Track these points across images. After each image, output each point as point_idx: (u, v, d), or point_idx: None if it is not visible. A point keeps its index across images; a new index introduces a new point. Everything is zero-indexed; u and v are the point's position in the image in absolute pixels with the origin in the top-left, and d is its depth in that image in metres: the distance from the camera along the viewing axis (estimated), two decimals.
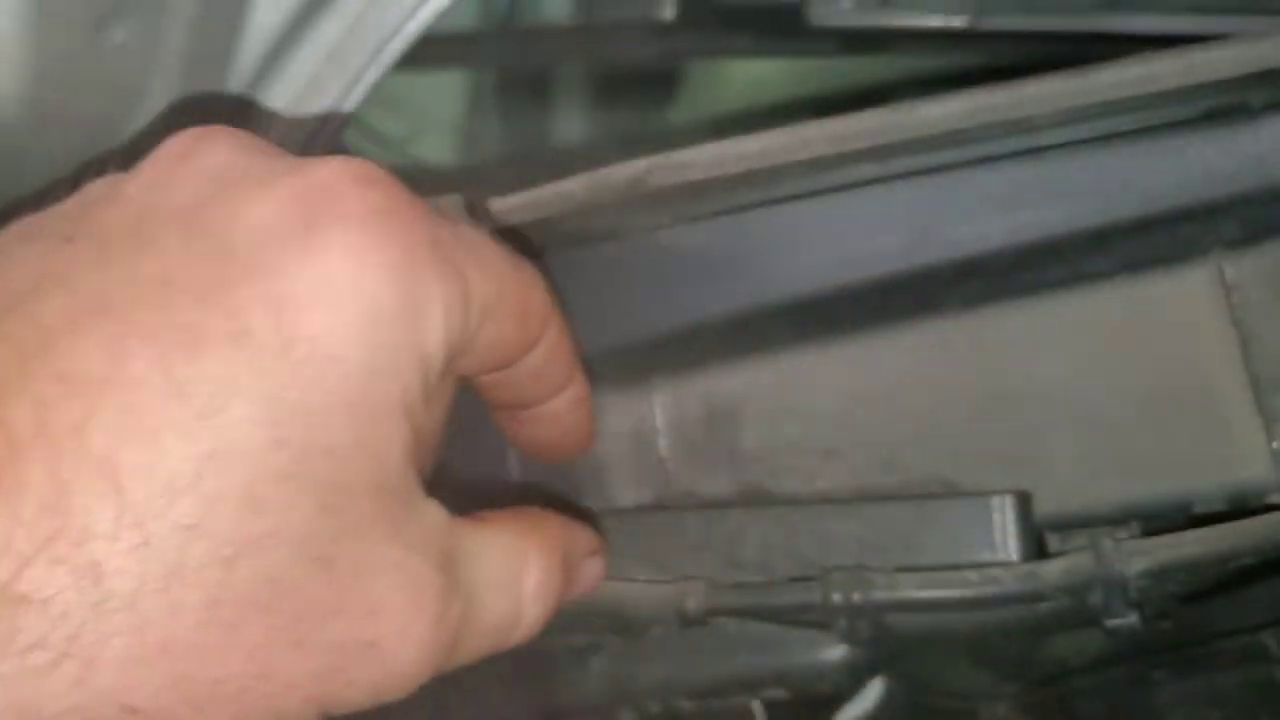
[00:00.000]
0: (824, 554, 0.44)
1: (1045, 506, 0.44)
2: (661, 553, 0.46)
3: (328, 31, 0.50)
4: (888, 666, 0.49)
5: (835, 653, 0.47)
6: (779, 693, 0.49)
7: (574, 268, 0.50)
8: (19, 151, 0.42)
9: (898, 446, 0.46)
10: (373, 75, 0.51)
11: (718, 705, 0.49)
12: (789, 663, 0.48)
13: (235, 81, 0.49)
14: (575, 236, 0.48)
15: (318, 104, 0.51)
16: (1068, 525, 0.44)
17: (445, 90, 0.99)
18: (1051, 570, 0.41)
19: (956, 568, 0.42)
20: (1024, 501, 0.43)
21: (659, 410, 0.49)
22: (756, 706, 0.70)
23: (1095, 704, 0.57)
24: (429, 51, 0.54)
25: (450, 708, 0.52)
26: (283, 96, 0.51)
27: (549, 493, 0.49)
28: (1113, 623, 0.41)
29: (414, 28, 0.50)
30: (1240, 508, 0.43)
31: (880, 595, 0.42)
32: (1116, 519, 0.44)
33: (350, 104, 0.52)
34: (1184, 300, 0.43)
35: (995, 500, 0.43)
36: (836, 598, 0.42)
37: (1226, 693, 0.50)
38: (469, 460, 0.45)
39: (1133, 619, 0.41)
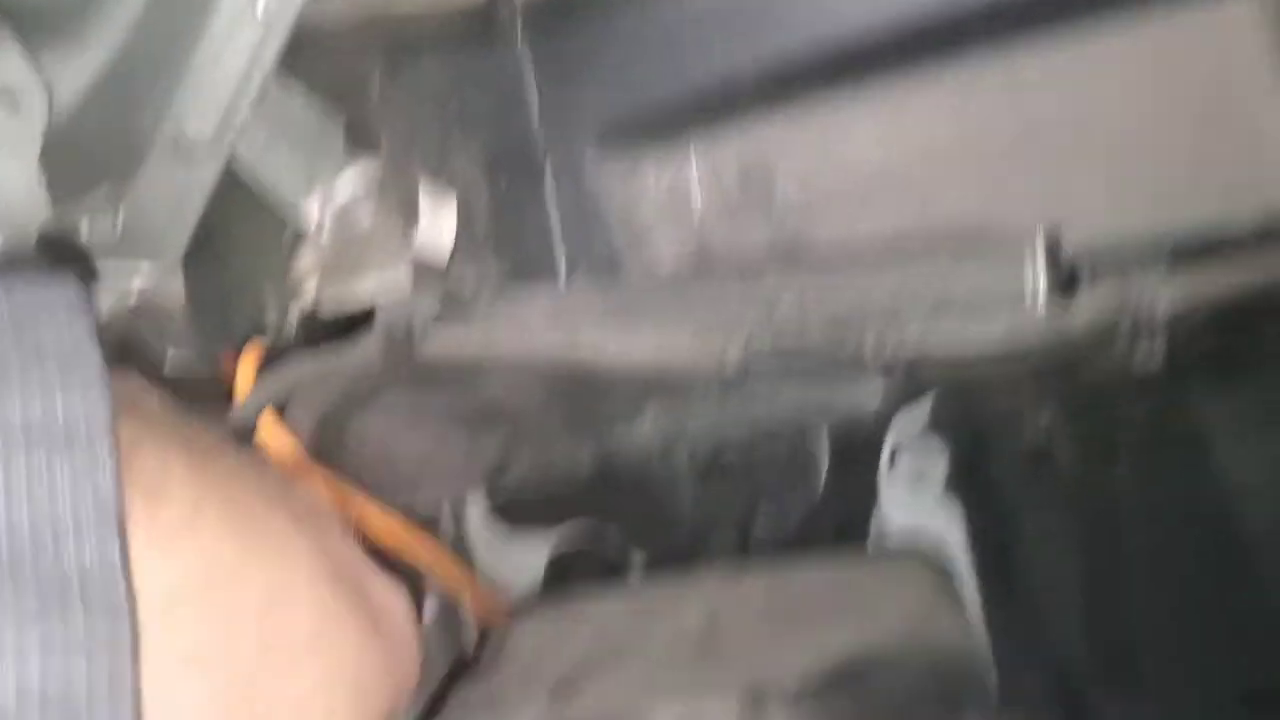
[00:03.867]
0: (860, 303, 0.46)
1: (1078, 241, 0.45)
2: (701, 313, 0.48)
3: None
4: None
5: (876, 386, 0.49)
6: (822, 427, 0.51)
7: (607, 26, 0.49)
8: None
9: (933, 190, 0.47)
10: None
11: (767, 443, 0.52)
12: (831, 398, 0.51)
13: None
14: None
15: None
16: (1099, 260, 0.45)
17: None
18: (1079, 308, 0.42)
19: (987, 311, 0.44)
20: (1054, 241, 0.44)
21: (695, 168, 0.50)
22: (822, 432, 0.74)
23: (1135, 426, 0.59)
24: None
25: (515, 456, 0.55)
26: None
27: None
28: (1142, 354, 0.43)
29: None
30: (1273, 236, 0.43)
31: (912, 340, 0.44)
32: (1149, 250, 0.44)
33: None
34: (1222, 29, 0.42)
35: (1025, 241, 0.44)
36: (870, 346, 0.44)
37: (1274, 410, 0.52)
38: None
39: (1161, 349, 0.43)
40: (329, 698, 0.35)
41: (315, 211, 0.66)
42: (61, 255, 0.53)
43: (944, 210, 0.46)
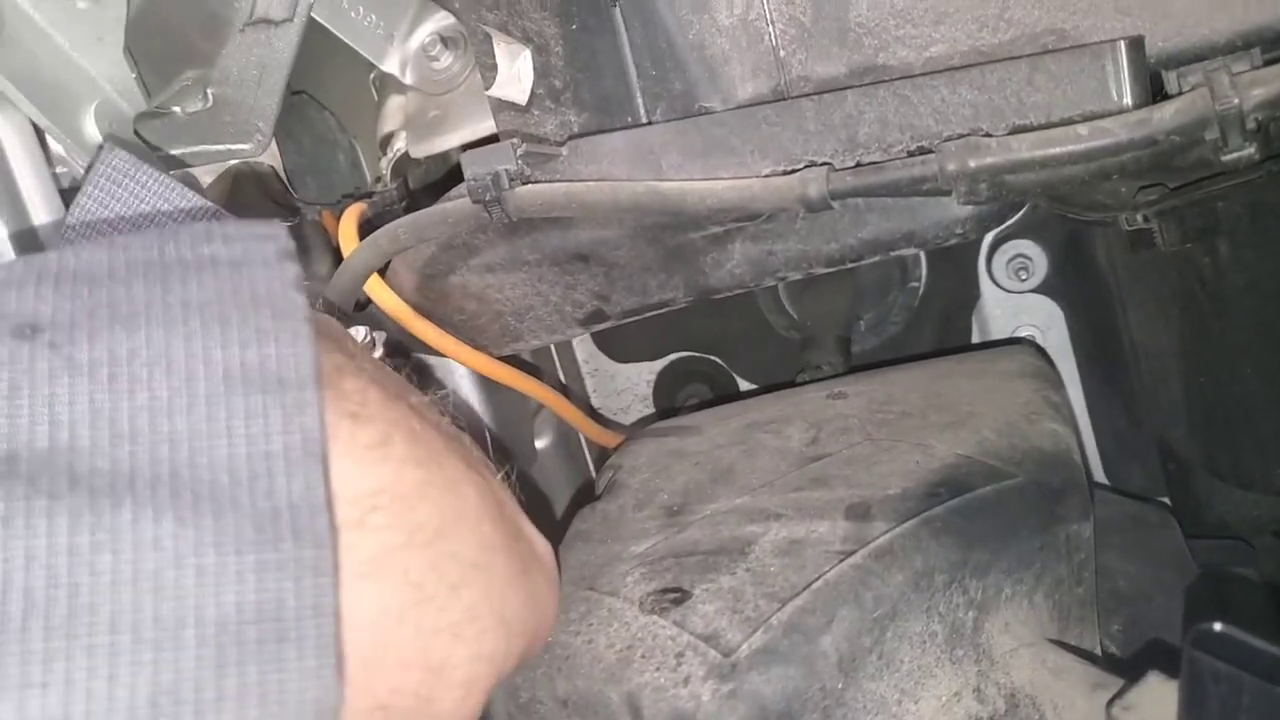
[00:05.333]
0: (940, 124, 0.45)
1: (1162, 44, 0.44)
2: (782, 142, 0.48)
3: None
4: (1014, 210, 0.51)
5: (960, 209, 0.49)
6: (910, 251, 0.52)
7: None
8: None
9: (1007, 1, 0.46)
10: None
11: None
12: (916, 223, 0.51)
13: None
14: None
15: None
16: (1185, 61, 0.43)
17: None
18: (1164, 114, 0.42)
19: (1069, 122, 0.43)
20: (1136, 46, 0.42)
21: None
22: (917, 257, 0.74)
23: (1234, 204, 0.58)
24: None
25: (611, 297, 0.57)
26: None
27: None
28: (1230, 157, 0.42)
29: None
30: None
31: (994, 159, 0.43)
32: (1237, 48, 0.43)
33: None
34: None
35: (1106, 48, 0.43)
36: (952, 167, 0.44)
37: None
38: None
39: (1250, 150, 0.42)
40: (479, 624, 0.38)
41: (396, 65, 0.67)
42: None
43: (1021, 21, 0.45)
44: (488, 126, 0.62)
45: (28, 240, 0.46)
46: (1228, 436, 0.63)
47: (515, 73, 0.57)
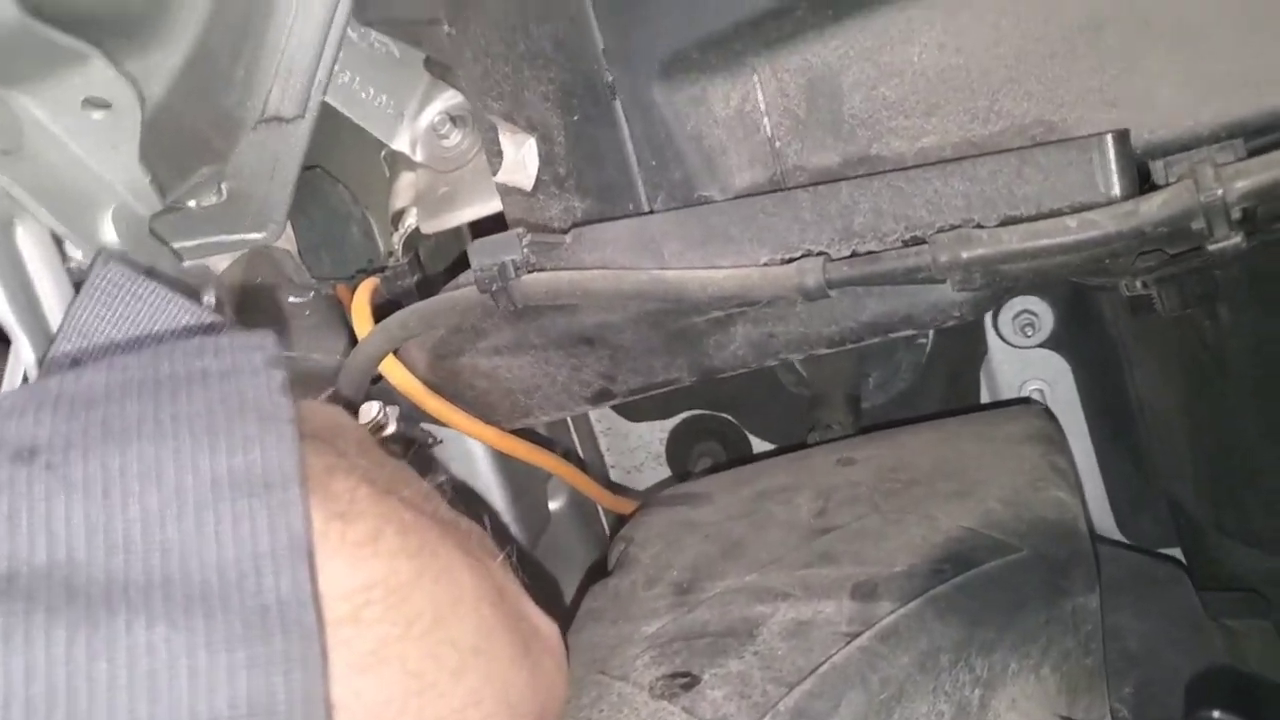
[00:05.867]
0: (933, 214, 0.46)
1: (1148, 136, 0.44)
2: (779, 232, 0.49)
3: None
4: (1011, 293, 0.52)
5: (956, 294, 0.50)
6: (908, 332, 0.53)
7: None
8: None
9: (996, 93, 0.47)
10: None
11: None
12: (914, 307, 0.52)
13: None
14: None
15: None
16: (1171, 150, 0.44)
17: None
18: (1151, 206, 0.42)
19: (1059, 213, 0.44)
20: (1122, 139, 0.43)
21: (760, 90, 0.50)
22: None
23: (1232, 270, 0.59)
24: None
25: (617, 377, 0.58)
26: None
27: None
28: (1216, 247, 0.43)
29: None
30: None
31: (985, 250, 0.44)
32: (1220, 138, 0.44)
33: None
34: None
35: (1094, 141, 0.43)
36: (944, 258, 0.45)
37: None
38: None
39: (1237, 239, 0.43)
40: (482, 708, 0.39)
41: (407, 144, 0.68)
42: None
43: (1010, 114, 0.46)
44: (496, 204, 0.63)
45: (45, 347, 0.47)
46: (1233, 495, 0.63)
47: (521, 160, 0.58)
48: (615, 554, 0.63)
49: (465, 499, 0.49)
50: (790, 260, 0.48)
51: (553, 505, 0.77)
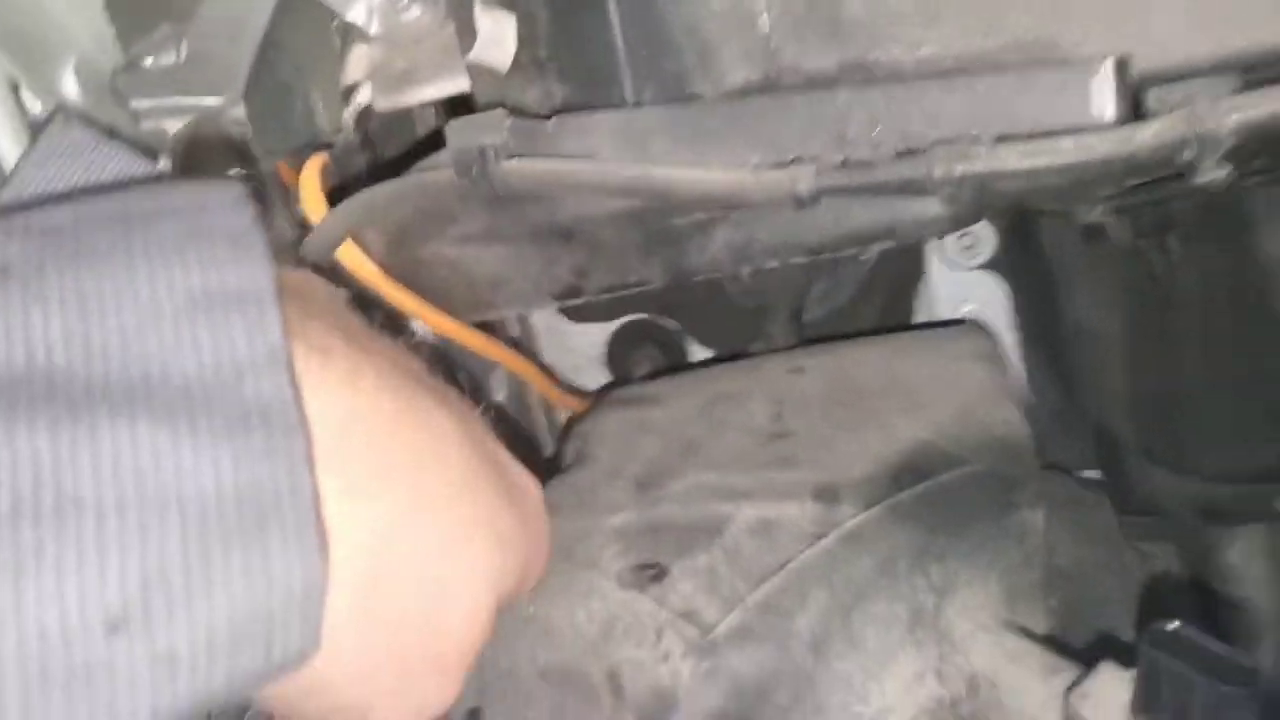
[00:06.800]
0: (929, 127, 0.46)
1: (1145, 62, 0.45)
2: (771, 134, 0.49)
3: None
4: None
5: (940, 208, 0.51)
6: (887, 244, 0.53)
7: None
8: None
9: (1000, 7, 0.47)
10: None
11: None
12: (897, 219, 0.52)
13: None
14: None
15: None
16: (1166, 80, 0.45)
17: None
18: (1145, 132, 0.43)
19: (1054, 134, 0.44)
20: (1122, 66, 0.44)
21: None
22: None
23: (1188, 204, 0.60)
24: None
25: (589, 276, 0.57)
26: None
27: None
28: (1203, 179, 0.44)
29: None
30: None
31: (981, 166, 0.45)
32: (1217, 70, 0.44)
33: None
34: None
35: (1093, 65, 0.44)
36: (940, 171, 0.45)
37: None
38: None
39: (1223, 174, 0.44)
40: (472, 538, 0.39)
41: (362, 14, 0.66)
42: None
43: (1012, 29, 0.46)
44: (459, 84, 0.61)
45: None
46: (1168, 423, 0.66)
47: (497, 37, 0.56)
48: (571, 450, 0.63)
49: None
50: (782, 165, 0.48)
51: (496, 399, 0.77)
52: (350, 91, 0.71)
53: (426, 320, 0.62)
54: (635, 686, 0.46)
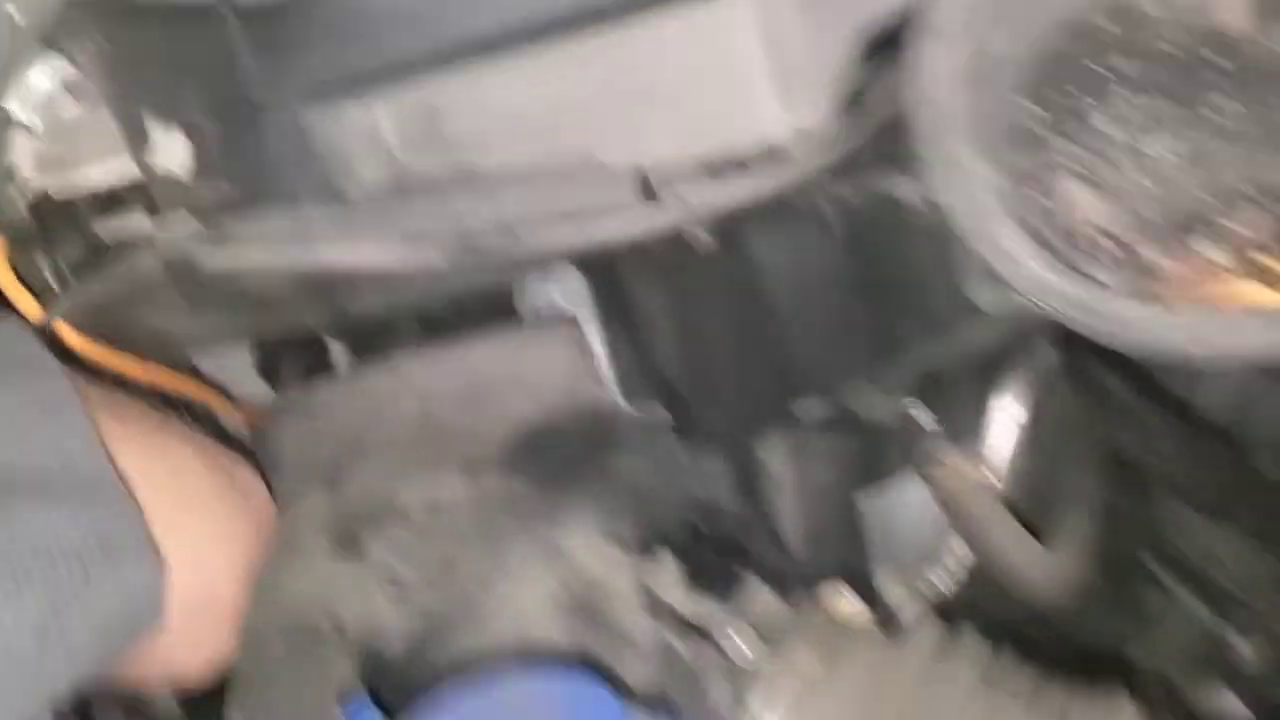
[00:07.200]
0: (518, 209, 0.67)
1: (649, 165, 0.68)
2: (404, 223, 0.67)
3: None
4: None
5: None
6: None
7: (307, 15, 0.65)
8: None
9: (562, 132, 0.67)
10: None
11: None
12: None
13: None
14: None
15: None
16: (674, 178, 0.68)
17: None
18: (660, 212, 0.66)
19: (599, 216, 0.66)
20: (641, 171, 0.66)
21: (385, 115, 0.68)
22: None
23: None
24: None
25: (268, 329, 0.74)
26: None
27: None
28: (702, 240, 0.67)
29: None
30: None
31: (557, 241, 0.66)
32: (701, 169, 0.68)
33: None
34: None
35: (620, 168, 0.66)
36: (531, 247, 0.66)
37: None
38: None
39: (708, 237, 0.67)
40: (221, 532, 0.58)
41: (17, 105, 0.78)
42: None
43: (570, 147, 0.67)
44: (122, 167, 0.75)
45: None
46: (706, 381, 0.90)
47: (169, 147, 0.71)
48: (265, 459, 0.79)
49: None
50: (416, 244, 0.67)
51: None
52: (16, 175, 0.82)
53: (130, 372, 0.76)
54: (355, 627, 0.65)
